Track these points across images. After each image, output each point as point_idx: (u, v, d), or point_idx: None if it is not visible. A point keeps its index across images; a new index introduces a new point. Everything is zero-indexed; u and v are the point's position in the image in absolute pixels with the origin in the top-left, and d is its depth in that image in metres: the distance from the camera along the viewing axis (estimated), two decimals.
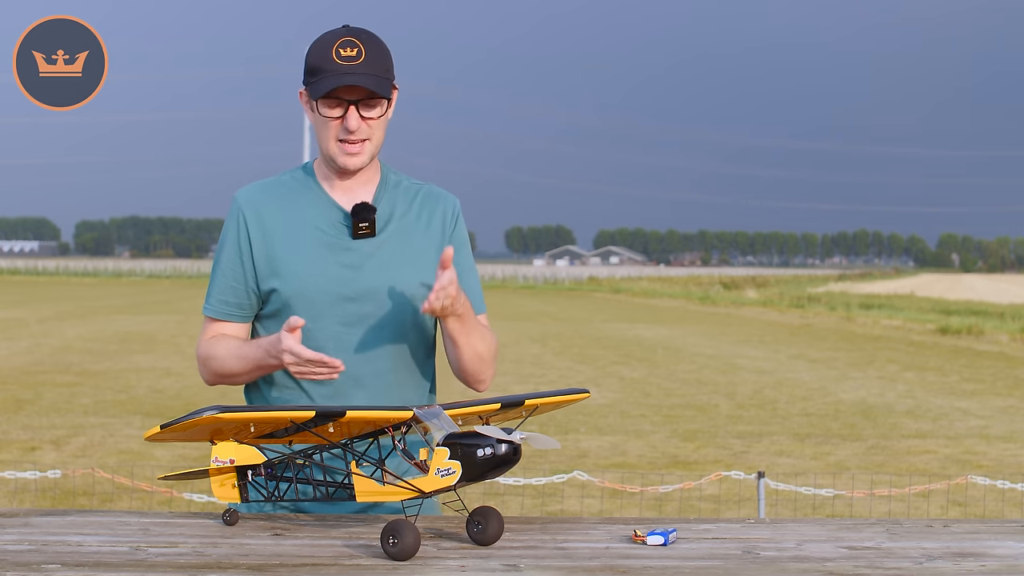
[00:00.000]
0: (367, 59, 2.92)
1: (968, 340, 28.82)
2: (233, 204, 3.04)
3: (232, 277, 3.03)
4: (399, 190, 3.08)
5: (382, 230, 3.01)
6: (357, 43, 2.92)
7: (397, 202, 3.06)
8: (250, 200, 3.04)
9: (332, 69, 2.91)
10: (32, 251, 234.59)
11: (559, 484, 9.22)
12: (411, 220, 3.06)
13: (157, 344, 23.97)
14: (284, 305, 2.99)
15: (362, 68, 2.90)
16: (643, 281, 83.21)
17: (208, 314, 3.07)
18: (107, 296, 50.66)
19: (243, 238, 3.02)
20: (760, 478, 7.20)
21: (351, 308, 2.97)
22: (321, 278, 2.97)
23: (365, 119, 2.95)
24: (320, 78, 2.92)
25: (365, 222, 2.97)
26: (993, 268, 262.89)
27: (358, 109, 2.93)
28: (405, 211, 3.06)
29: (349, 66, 2.90)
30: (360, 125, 2.95)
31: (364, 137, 2.96)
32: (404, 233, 3.04)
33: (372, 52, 2.93)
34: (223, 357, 3.01)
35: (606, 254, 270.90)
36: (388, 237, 3.02)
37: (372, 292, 2.97)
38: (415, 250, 3.03)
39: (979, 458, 11.78)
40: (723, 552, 2.52)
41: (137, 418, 13.46)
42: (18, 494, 9.07)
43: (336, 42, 2.92)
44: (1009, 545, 2.60)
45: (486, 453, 2.44)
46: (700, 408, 15.35)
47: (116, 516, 2.79)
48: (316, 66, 2.93)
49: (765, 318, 39.49)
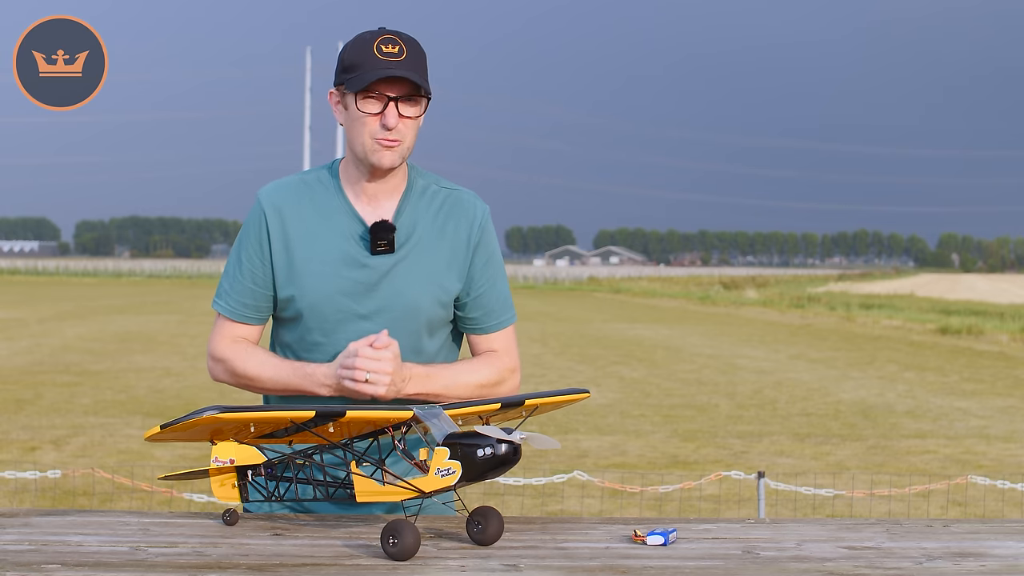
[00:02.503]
0: (409, 56, 2.88)
1: (968, 340, 28.82)
2: (256, 203, 2.99)
3: (251, 279, 2.99)
4: (424, 198, 3.01)
5: (402, 245, 2.95)
6: (399, 41, 2.89)
7: (420, 213, 2.99)
8: (272, 201, 2.98)
9: (374, 64, 2.85)
10: (32, 251, 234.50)
11: (559, 484, 9.22)
12: (434, 233, 2.99)
13: (157, 344, 23.97)
14: (299, 315, 2.96)
15: (405, 64, 2.86)
16: (643, 281, 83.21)
17: (225, 315, 3.03)
18: (107, 296, 50.64)
19: (264, 240, 2.97)
20: (760, 478, 7.20)
21: (365, 326, 2.92)
22: (335, 294, 2.93)
23: (403, 117, 2.89)
24: (360, 72, 2.86)
25: (384, 241, 2.93)
26: (993, 268, 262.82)
27: (397, 106, 2.88)
28: (428, 223, 2.99)
29: (392, 61, 2.85)
30: (398, 123, 2.88)
31: (400, 137, 2.90)
32: (424, 248, 2.97)
33: (413, 51, 2.89)
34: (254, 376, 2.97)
35: (606, 254, 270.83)
36: (407, 253, 2.95)
37: (385, 310, 2.93)
38: (434, 266, 2.97)
39: (979, 458, 11.79)
40: (723, 552, 2.52)
41: (137, 418, 13.46)
42: (18, 494, 9.07)
43: (377, 39, 2.88)
44: (1009, 545, 2.60)
45: (486, 453, 2.44)
46: (700, 408, 15.35)
47: (116, 516, 2.79)
48: (355, 62, 2.88)
49: (765, 318, 39.49)
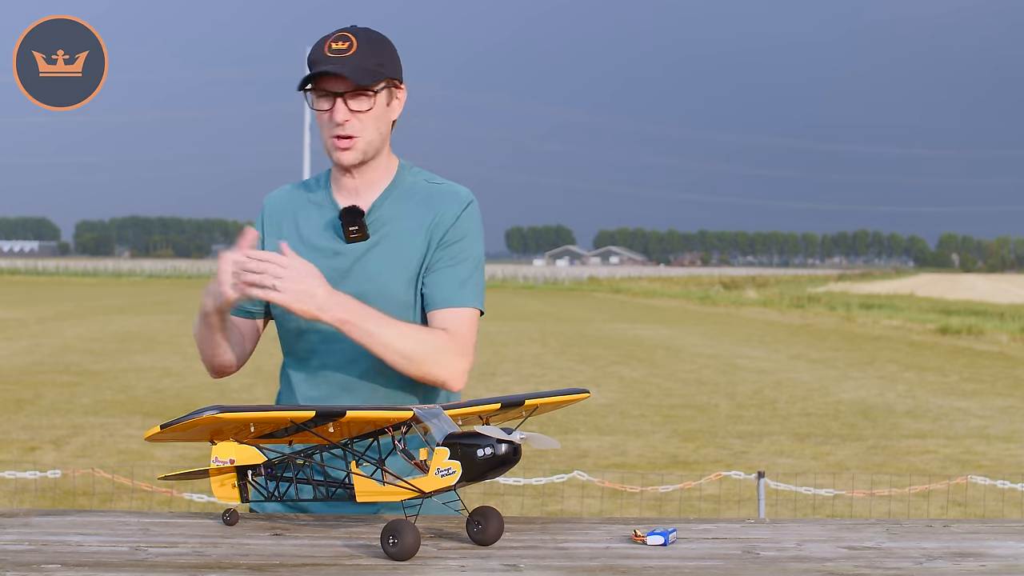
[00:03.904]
0: (357, 52, 2.89)
1: (968, 340, 28.82)
2: (261, 209, 3.12)
3: None
4: (412, 191, 3.04)
5: (376, 231, 2.98)
6: (351, 37, 2.90)
7: (403, 205, 3.02)
8: (271, 204, 3.11)
9: (320, 61, 2.90)
10: (32, 251, 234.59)
11: (559, 484, 9.22)
12: (413, 223, 3.01)
13: (157, 344, 23.98)
14: (283, 309, 2.98)
15: (350, 60, 2.88)
16: (643, 281, 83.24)
17: None
18: (107, 296, 50.64)
19: (259, 241, 3.06)
20: (760, 478, 7.20)
21: None
22: None
23: (354, 112, 2.92)
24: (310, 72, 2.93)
25: (354, 226, 2.96)
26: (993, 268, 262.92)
27: (345, 102, 2.91)
28: (408, 214, 3.01)
29: (335, 58, 2.88)
30: (348, 118, 2.92)
31: (353, 132, 2.93)
32: (400, 236, 2.99)
33: (365, 46, 2.90)
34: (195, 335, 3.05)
35: (606, 254, 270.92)
36: (380, 240, 2.98)
37: (359, 296, 2.92)
38: (408, 252, 2.98)
39: (979, 458, 11.79)
40: (723, 552, 2.52)
41: (137, 418, 13.46)
42: (18, 494, 9.07)
43: (331, 38, 2.92)
44: (1009, 545, 2.60)
45: (486, 453, 2.44)
46: (700, 408, 15.35)
47: (116, 516, 2.79)
48: (310, 60, 2.93)
49: (765, 318, 39.49)
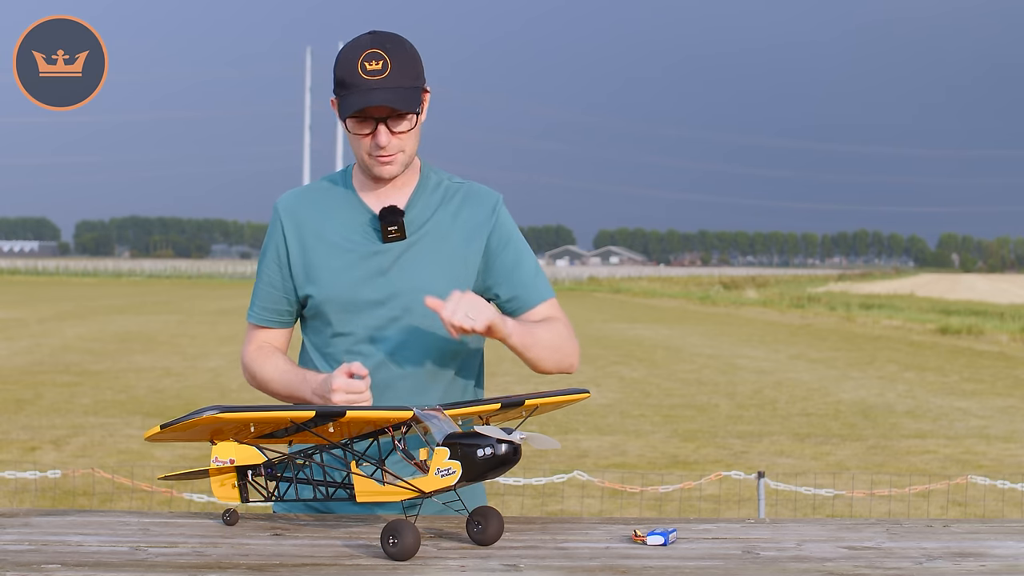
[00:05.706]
0: (393, 71, 2.86)
1: (968, 340, 28.82)
2: (274, 212, 3.08)
3: (271, 284, 3.07)
4: (439, 191, 3.06)
5: (414, 232, 2.99)
6: (383, 55, 2.87)
7: (434, 204, 3.04)
8: (288, 208, 3.06)
9: (358, 84, 2.86)
10: (32, 251, 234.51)
11: (559, 484, 9.22)
12: (447, 221, 3.02)
13: (157, 344, 23.97)
14: (319, 310, 3.01)
15: (389, 82, 2.85)
16: (643, 281, 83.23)
17: (251, 320, 3.13)
18: (107, 296, 50.65)
19: (281, 246, 3.04)
20: (760, 478, 7.20)
21: (381, 312, 2.97)
22: (350, 283, 2.97)
23: (395, 134, 2.92)
24: (347, 94, 2.88)
25: (393, 225, 2.96)
26: (993, 268, 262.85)
27: (387, 125, 2.91)
28: (442, 213, 3.03)
29: (375, 80, 2.85)
30: (391, 140, 2.92)
31: (396, 151, 2.94)
32: (438, 235, 3.01)
33: (398, 63, 2.88)
34: (268, 380, 3.05)
35: (606, 254, 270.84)
36: (419, 239, 2.99)
37: (400, 295, 2.96)
38: (448, 251, 3.00)
39: (979, 458, 11.79)
40: (723, 552, 2.52)
41: (137, 418, 13.46)
42: (18, 494, 9.07)
43: (362, 55, 2.87)
44: (1009, 545, 2.60)
45: (486, 453, 2.45)
46: (700, 408, 15.36)
47: (116, 516, 2.79)
48: (343, 80, 2.89)
49: (765, 318, 39.49)
